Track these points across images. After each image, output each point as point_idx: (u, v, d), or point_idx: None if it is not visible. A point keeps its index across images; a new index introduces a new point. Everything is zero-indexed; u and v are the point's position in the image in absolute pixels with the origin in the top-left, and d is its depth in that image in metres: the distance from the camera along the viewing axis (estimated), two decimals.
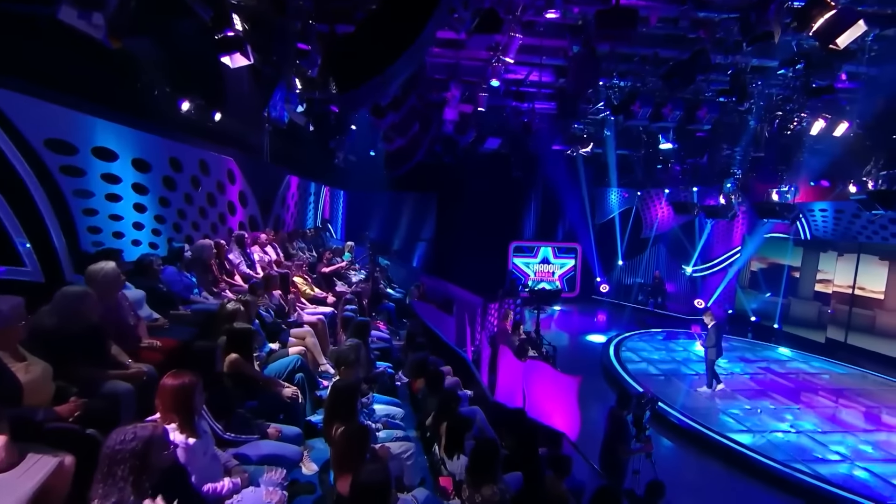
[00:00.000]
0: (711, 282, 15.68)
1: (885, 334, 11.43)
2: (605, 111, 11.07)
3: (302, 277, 7.08)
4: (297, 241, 9.82)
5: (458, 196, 16.76)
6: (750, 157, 10.42)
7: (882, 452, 7.09)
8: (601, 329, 14.08)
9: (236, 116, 6.98)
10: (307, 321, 5.49)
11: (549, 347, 10.18)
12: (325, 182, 13.39)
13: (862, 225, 11.87)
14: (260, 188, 7.95)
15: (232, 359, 3.09)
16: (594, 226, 17.83)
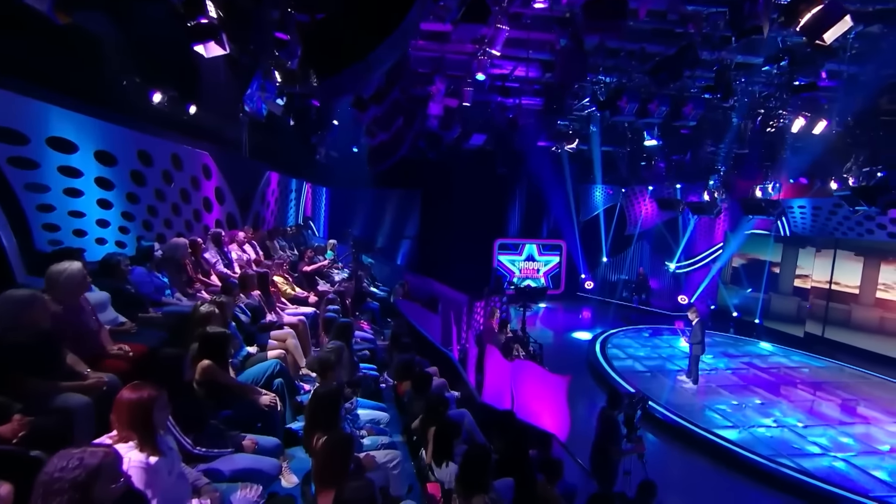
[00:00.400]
0: (694, 278, 15.85)
1: (859, 328, 11.71)
2: (591, 107, 11.02)
3: (282, 277, 6.83)
4: (278, 239, 9.52)
5: (443, 193, 16.60)
6: (733, 154, 10.50)
7: (861, 444, 7.20)
8: (587, 326, 14.10)
9: (212, 109, 6.68)
10: (288, 322, 5.27)
11: (536, 345, 10.11)
12: (306, 178, 13.08)
13: (838, 221, 12.11)
14: (238, 184, 7.65)
15: (204, 365, 2.87)
16: (579, 223, 17.87)
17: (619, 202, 17.36)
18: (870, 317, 11.58)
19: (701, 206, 11.32)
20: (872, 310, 11.56)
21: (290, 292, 6.88)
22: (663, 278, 16.65)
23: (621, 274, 17.54)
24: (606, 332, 12.69)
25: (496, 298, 12.23)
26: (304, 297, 7.14)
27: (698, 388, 8.91)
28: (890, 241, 11.22)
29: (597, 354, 10.74)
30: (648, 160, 13.49)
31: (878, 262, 11.54)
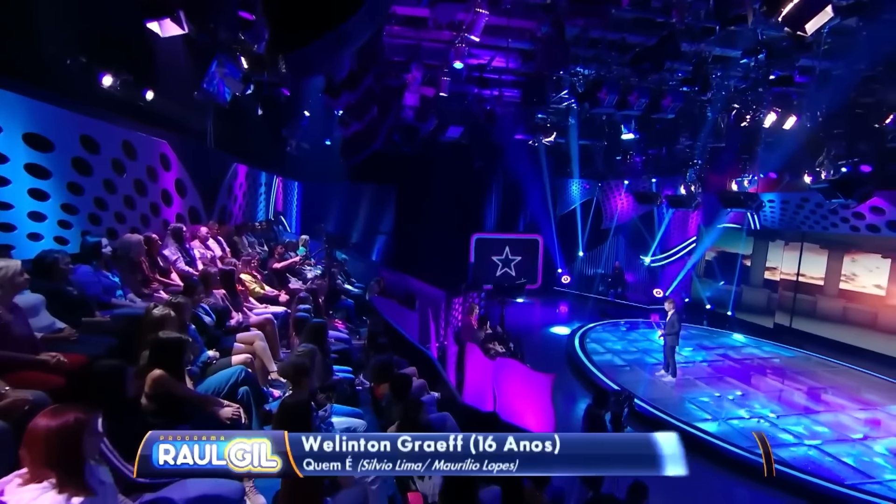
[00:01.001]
0: (669, 271, 16.06)
1: (824, 318, 12.08)
2: (569, 100, 10.93)
3: (250, 274, 6.43)
4: (247, 234, 9.06)
5: (418, 187, 16.32)
6: (709, 147, 10.59)
7: (833, 432, 7.35)
8: (564, 321, 14.10)
9: (173, 96, 6.21)
10: (255, 323, 4.92)
11: (514, 341, 9.99)
12: (277, 172, 12.57)
13: (805, 215, 12.42)
14: (202, 176, 7.18)
15: (155, 376, 2.53)
16: (556, 217, 17.85)
17: (596, 196, 17.42)
18: (833, 307, 11.95)
19: (679, 199, 11.42)
20: (836, 300, 11.93)
21: (259, 291, 6.50)
22: (639, 272, 16.82)
23: (598, 268, 17.65)
24: (584, 327, 12.69)
25: (474, 294, 12.07)
26: (275, 296, 6.76)
27: (676, 380, 8.96)
28: (852, 234, 11.57)
29: (576, 349, 10.70)
30: (624, 154, 13.54)
31: (841, 255, 11.91)
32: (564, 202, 18.02)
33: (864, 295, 11.40)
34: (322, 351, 4.31)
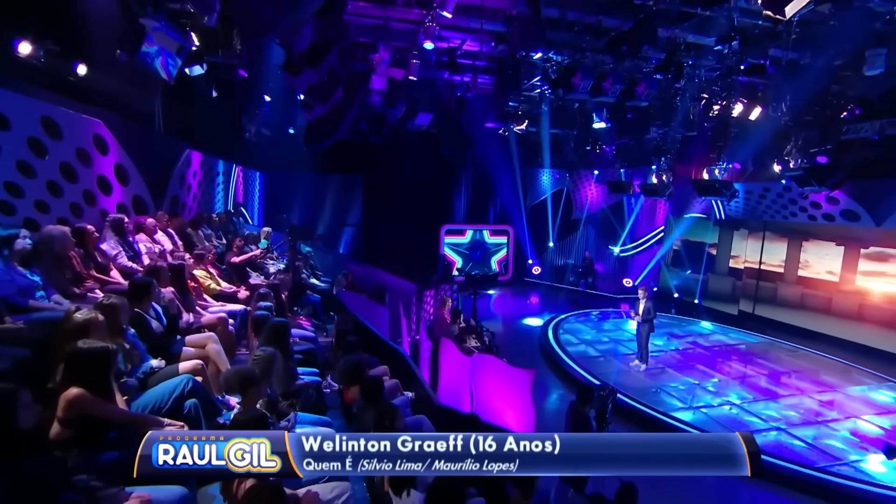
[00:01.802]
0: (637, 261, 16.25)
1: (784, 304, 12.49)
2: (541, 86, 10.71)
3: (205, 270, 5.89)
4: (202, 227, 8.39)
5: (386, 178, 15.84)
6: (679, 137, 10.62)
7: (801, 415, 7.50)
8: (536, 312, 14.01)
9: (110, 71, 5.55)
10: (208, 323, 4.44)
11: (489, 334, 9.77)
12: (236, 161, 11.81)
13: (766, 205, 12.75)
14: (149, 163, 6.51)
15: (71, 396, 2.08)
16: (526, 207, 17.73)
17: (566, 186, 17.40)
18: (793, 293, 12.35)
19: (653, 188, 11.44)
20: (795, 287, 12.33)
21: (214, 287, 5.97)
22: (608, 262, 16.95)
23: (568, 258, 17.68)
24: (557, 318, 12.63)
25: (446, 286, 11.76)
26: (233, 293, 6.25)
27: (650, 369, 8.98)
28: (809, 223, 11.94)
29: (550, 341, 10.58)
30: (594, 144, 13.50)
31: (799, 243, 12.30)
32: (535, 192, 17.92)
33: (820, 281, 11.81)
34: (284, 353, 3.90)
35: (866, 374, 9.53)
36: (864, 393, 8.64)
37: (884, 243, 10.59)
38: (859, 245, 11.07)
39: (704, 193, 9.91)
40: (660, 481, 4.43)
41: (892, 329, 10.41)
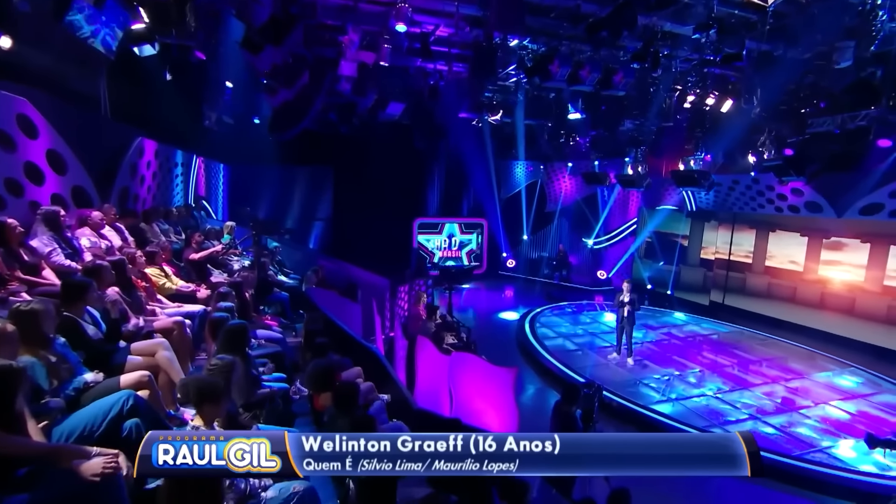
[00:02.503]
0: (610, 253, 16.35)
1: (753, 294, 12.77)
2: (517, 75, 10.48)
3: (159, 267, 5.38)
4: (158, 221, 7.80)
5: (357, 170, 15.36)
6: (654, 129, 10.60)
7: (773, 403, 7.60)
8: (511, 305, 13.89)
9: (41, 46, 4.95)
10: (160, 327, 3.99)
11: (465, 329, 9.55)
12: (197, 151, 11.11)
13: (735, 197, 12.98)
14: (93, 150, 5.89)
15: None
16: (500, 200, 17.56)
17: (540, 179, 17.30)
18: (760, 283, 12.65)
19: (630, 179, 11.40)
20: (762, 277, 12.63)
21: (170, 287, 5.48)
22: (582, 254, 17.00)
23: (543, 251, 17.65)
24: (532, 311, 12.53)
25: (420, 281, 11.46)
26: (192, 292, 5.76)
27: (626, 360, 8.95)
28: (776, 214, 12.23)
29: (528, 336, 10.45)
30: (568, 135, 13.40)
31: (766, 233, 12.59)
32: (509, 185, 17.76)
33: (785, 271, 12.12)
34: (244, 359, 3.52)
35: (830, 361, 9.83)
36: (829, 379, 8.88)
37: (843, 234, 10.92)
38: (821, 235, 11.39)
39: (683, 184, 9.92)
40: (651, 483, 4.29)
41: (851, 316, 10.77)
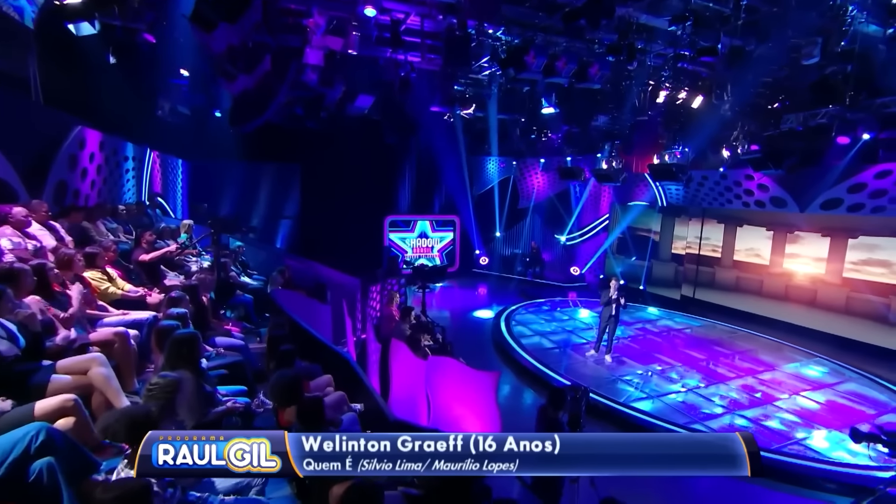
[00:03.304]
0: (584, 249, 16.38)
1: (722, 287, 13.00)
2: (490, 67, 10.23)
3: (100, 270, 4.82)
4: (106, 220, 7.15)
5: (325, 166, 14.83)
6: (628, 124, 10.57)
7: (747, 397, 7.64)
8: (486, 304, 13.67)
9: None
10: (100, 339, 3.49)
11: (439, 329, 9.24)
12: (151, 145, 10.34)
13: (705, 192, 13.18)
14: (18, 139, 5.24)
15: None
16: (473, 196, 17.32)
17: (513, 175, 17.16)
18: (729, 277, 12.89)
19: (607, 173, 11.33)
20: (731, 270, 12.87)
21: (115, 292, 4.92)
22: (555, 251, 16.98)
23: (516, 248, 17.54)
24: (507, 309, 12.35)
25: (393, 281, 11.09)
26: (140, 297, 5.22)
27: (604, 357, 8.86)
28: (744, 210, 12.47)
29: (504, 334, 10.24)
30: (540, 131, 13.28)
31: (734, 228, 12.83)
32: (481, 181, 17.53)
33: (753, 265, 12.39)
34: (195, 374, 3.09)
35: (797, 352, 10.05)
36: (797, 370, 9.05)
37: (806, 228, 11.22)
38: (786, 230, 11.68)
39: (661, 178, 9.90)
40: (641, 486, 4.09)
41: (813, 307, 11.09)
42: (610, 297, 8.48)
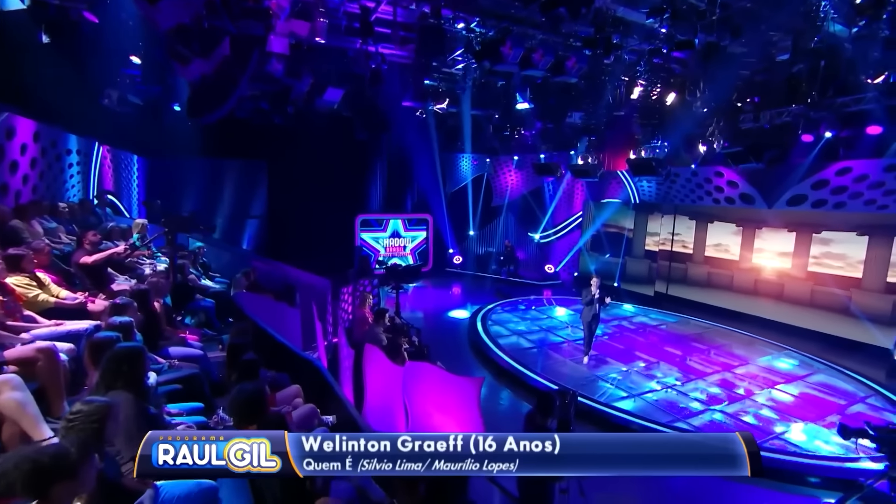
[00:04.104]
0: (558, 247, 16.32)
1: (694, 283, 13.16)
2: (464, 60, 9.96)
3: (28, 275, 4.23)
4: (43, 218, 6.46)
5: (294, 164, 14.25)
6: (603, 120, 10.49)
7: (726, 392, 7.62)
8: (460, 303, 13.40)
9: None
10: (17, 356, 2.98)
11: (414, 331, 8.90)
12: (98, 138, 9.55)
13: (677, 189, 13.31)
14: None
15: None
16: (446, 194, 17.02)
17: (486, 172, 16.94)
18: (700, 273, 13.05)
19: (584, 169, 11.21)
20: (702, 266, 13.04)
21: (47, 300, 4.34)
22: (529, 249, 16.87)
23: (490, 247, 17.34)
24: (483, 309, 12.10)
25: (365, 281, 10.67)
26: (79, 305, 4.65)
27: (582, 358, 8.72)
28: (714, 206, 12.64)
29: (481, 335, 9.97)
30: (513, 129, 13.10)
31: (706, 225, 13.00)
32: (454, 179, 17.24)
33: (723, 260, 12.57)
34: (137, 394, 2.65)
35: (767, 345, 10.20)
36: (769, 363, 9.16)
37: (773, 224, 11.45)
38: (754, 226, 11.90)
39: (639, 173, 9.83)
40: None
41: (781, 301, 11.33)
42: (592, 296, 8.30)
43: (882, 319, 9.61)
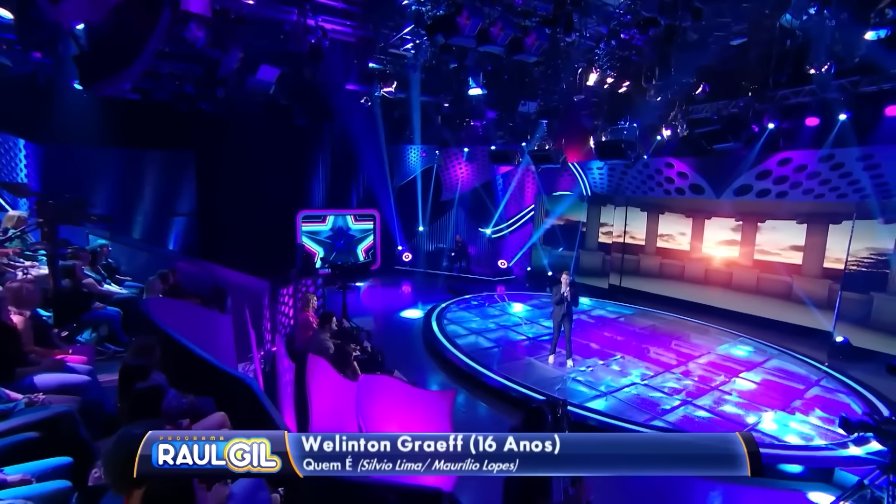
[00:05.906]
0: (509, 242, 15.93)
1: (647, 274, 13.22)
2: (413, 39, 9.17)
3: None
4: None
5: (226, 155, 12.87)
6: (559, 107, 10.07)
7: (694, 384, 7.41)
8: (412, 303, 12.62)
9: None
10: None
11: (364, 334, 8.04)
12: None
13: (628, 181, 13.30)
14: None
15: None
16: (393, 188, 16.12)
17: (436, 165, 16.22)
18: (653, 264, 13.12)
19: (546, 154, 10.71)
20: (654, 258, 13.10)
21: None
22: (481, 244, 16.37)
23: (440, 243, 16.66)
24: (436, 307, 11.40)
25: (308, 281, 9.63)
26: None
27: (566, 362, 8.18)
28: (665, 197, 12.72)
29: (437, 336, 9.25)
30: (462, 119, 12.47)
31: (657, 216, 13.08)
32: (402, 172, 16.35)
33: (675, 251, 12.69)
34: None
35: (722, 333, 10.28)
36: (727, 351, 9.15)
37: (721, 213, 11.65)
38: (704, 216, 12.06)
39: (607, 156, 9.45)
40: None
41: (729, 289, 11.55)
42: (562, 294, 7.79)
43: (820, 303, 9.96)
